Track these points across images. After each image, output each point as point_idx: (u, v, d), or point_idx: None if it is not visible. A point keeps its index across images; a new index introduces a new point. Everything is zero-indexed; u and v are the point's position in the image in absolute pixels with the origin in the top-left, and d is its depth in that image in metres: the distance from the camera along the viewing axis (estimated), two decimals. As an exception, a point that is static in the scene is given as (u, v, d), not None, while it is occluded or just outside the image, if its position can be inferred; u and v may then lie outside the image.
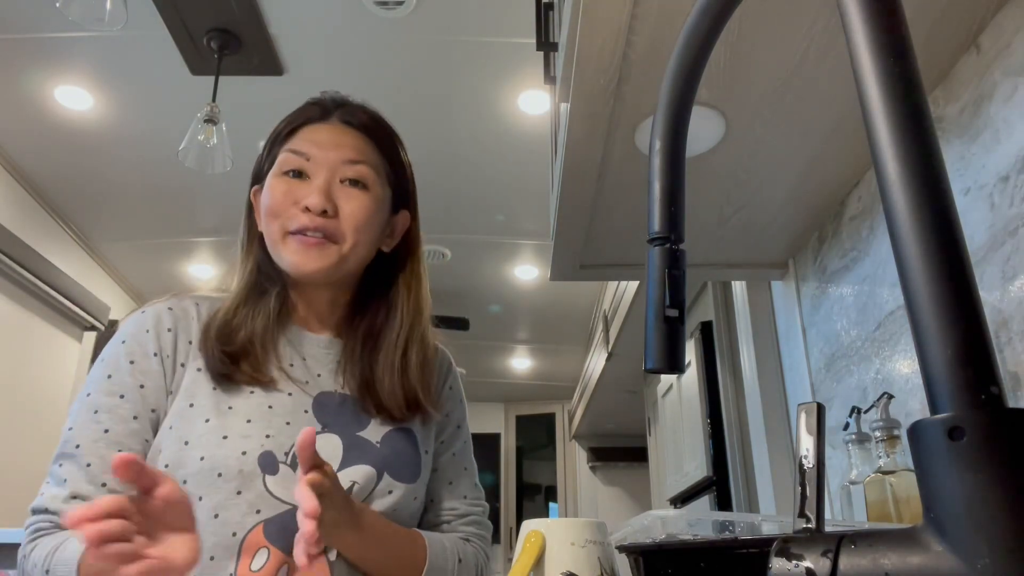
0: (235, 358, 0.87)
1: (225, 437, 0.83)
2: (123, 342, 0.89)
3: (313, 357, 0.94)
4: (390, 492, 0.87)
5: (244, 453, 0.82)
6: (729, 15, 0.48)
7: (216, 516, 0.80)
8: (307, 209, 0.89)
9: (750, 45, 0.99)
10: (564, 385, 6.04)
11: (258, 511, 0.81)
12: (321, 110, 0.97)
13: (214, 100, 2.40)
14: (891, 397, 1.03)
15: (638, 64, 1.01)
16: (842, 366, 1.36)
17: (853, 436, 1.08)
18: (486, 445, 6.33)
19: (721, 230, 1.44)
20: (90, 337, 4.00)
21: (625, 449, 5.83)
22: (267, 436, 0.84)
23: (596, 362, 4.48)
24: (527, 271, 4.22)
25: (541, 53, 1.43)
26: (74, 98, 2.79)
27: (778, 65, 1.03)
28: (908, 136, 0.31)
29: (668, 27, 0.95)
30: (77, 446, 0.82)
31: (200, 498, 0.80)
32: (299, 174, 0.92)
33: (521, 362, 5.75)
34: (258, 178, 0.98)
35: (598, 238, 1.47)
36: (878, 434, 1.00)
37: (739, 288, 1.87)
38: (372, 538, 0.83)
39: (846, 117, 1.13)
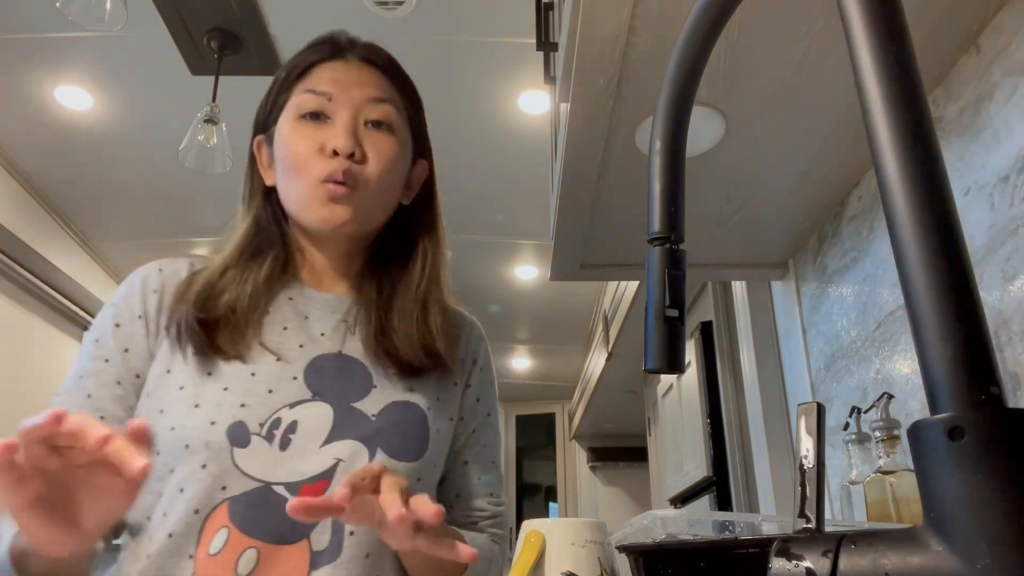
0: (211, 328, 0.79)
1: (197, 406, 0.76)
2: (112, 305, 0.85)
3: (317, 317, 0.86)
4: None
5: (213, 423, 0.74)
6: (729, 15, 0.48)
7: (181, 491, 0.73)
8: (334, 153, 0.81)
9: (750, 45, 0.99)
10: (564, 385, 6.03)
11: (224, 487, 0.73)
12: (334, 48, 0.89)
13: (214, 100, 2.40)
14: (891, 397, 1.04)
15: (638, 64, 1.01)
16: (842, 366, 1.36)
17: (853, 436, 1.08)
18: (486, 445, 6.32)
19: (721, 230, 1.44)
20: (90, 337, 4.00)
21: (625, 449, 5.83)
22: (242, 405, 0.76)
23: (596, 362, 4.48)
24: (527, 271, 4.22)
25: (541, 53, 1.43)
26: (74, 98, 2.79)
27: (778, 65, 1.03)
28: (908, 136, 0.31)
29: (668, 27, 0.95)
30: None
31: (172, 471, 0.74)
32: (318, 116, 0.84)
33: (521, 362, 5.75)
34: (263, 127, 0.90)
35: (598, 238, 1.47)
36: (878, 434, 1.00)
37: (739, 288, 1.87)
38: None
39: (846, 117, 1.13)
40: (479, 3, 2.34)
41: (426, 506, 0.60)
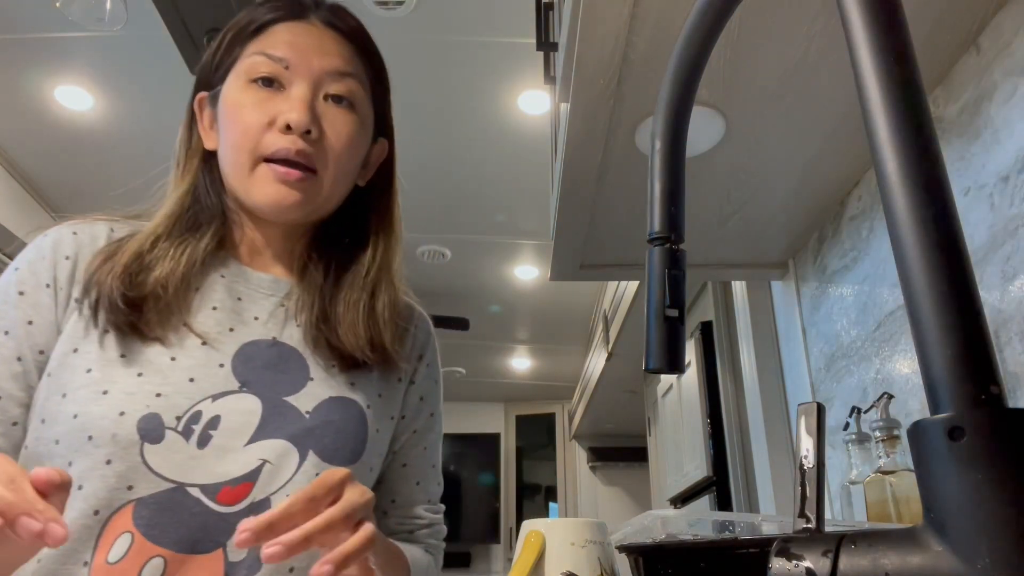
0: (136, 306, 0.70)
1: (105, 392, 0.67)
2: (16, 269, 0.74)
3: (251, 299, 0.78)
4: (317, 475, 0.69)
5: (122, 414, 0.66)
6: (729, 15, 0.48)
7: (80, 488, 0.64)
8: (288, 128, 0.73)
9: (750, 45, 0.99)
10: (564, 385, 6.04)
11: (130, 487, 0.65)
12: (296, 5, 0.80)
13: (214, 100, 2.40)
14: (891, 397, 1.03)
15: (638, 64, 1.01)
16: (842, 366, 1.36)
17: (853, 436, 1.08)
18: (486, 445, 6.33)
19: (721, 230, 1.44)
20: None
21: (625, 449, 5.83)
22: (157, 395, 0.67)
23: (596, 362, 4.48)
24: (527, 271, 4.22)
25: (541, 53, 1.43)
26: (74, 98, 2.79)
27: (778, 65, 1.03)
28: (908, 136, 0.31)
29: (668, 27, 0.95)
30: None
31: (70, 463, 0.65)
32: (271, 82, 0.75)
33: (521, 362, 5.75)
34: (207, 83, 0.81)
35: (598, 238, 1.47)
36: (878, 434, 1.00)
37: (739, 288, 1.87)
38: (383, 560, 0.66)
39: (846, 117, 1.13)
40: (479, 3, 2.34)
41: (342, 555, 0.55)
